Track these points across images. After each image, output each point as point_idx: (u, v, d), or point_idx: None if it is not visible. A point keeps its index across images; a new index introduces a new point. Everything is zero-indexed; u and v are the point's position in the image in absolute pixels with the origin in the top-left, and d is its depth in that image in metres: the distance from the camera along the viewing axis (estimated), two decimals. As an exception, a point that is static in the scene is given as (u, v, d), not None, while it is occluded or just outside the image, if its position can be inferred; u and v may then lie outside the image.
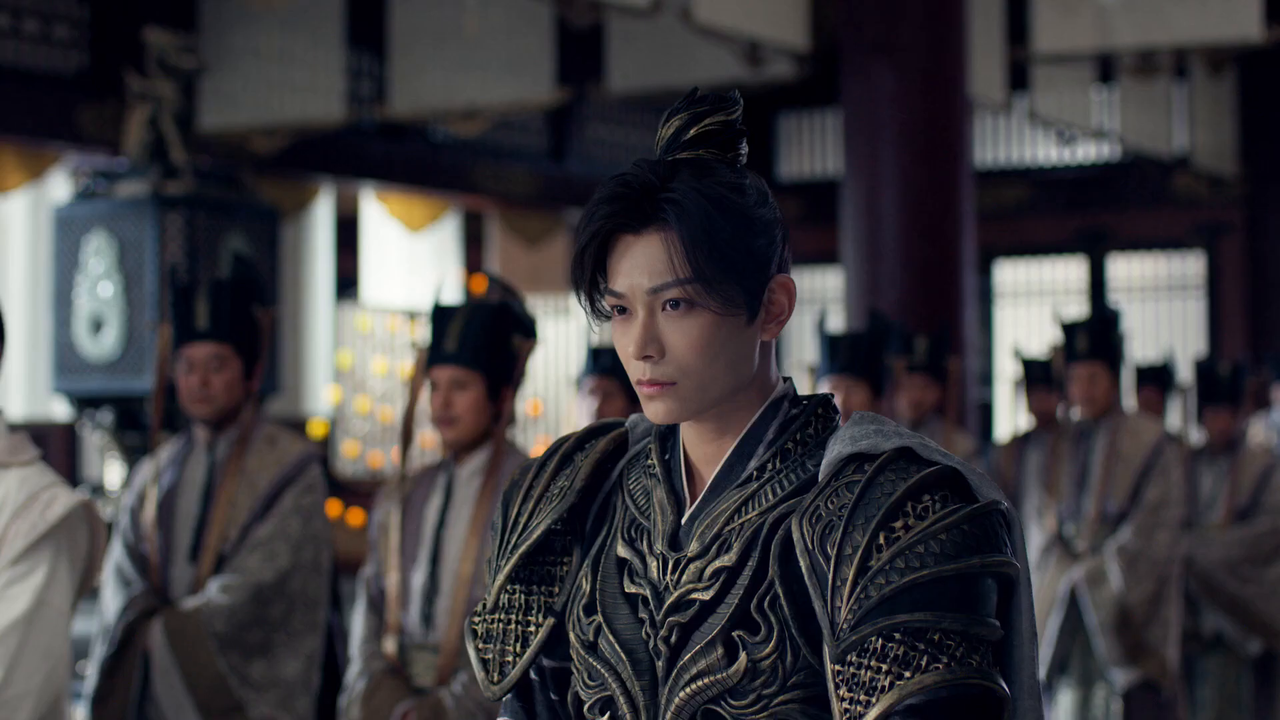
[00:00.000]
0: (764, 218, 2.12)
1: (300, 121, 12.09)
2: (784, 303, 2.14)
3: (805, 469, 2.12)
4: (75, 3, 11.77)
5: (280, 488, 5.06)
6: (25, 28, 11.45)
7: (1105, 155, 16.75)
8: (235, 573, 5.00)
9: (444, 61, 11.74)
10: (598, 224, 2.09)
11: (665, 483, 2.17)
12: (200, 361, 5.02)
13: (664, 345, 2.09)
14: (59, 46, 11.67)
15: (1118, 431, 7.23)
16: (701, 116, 2.14)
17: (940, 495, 2.01)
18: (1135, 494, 7.14)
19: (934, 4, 9.75)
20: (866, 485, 2.03)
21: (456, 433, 4.70)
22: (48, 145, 11.72)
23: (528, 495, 2.26)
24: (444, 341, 4.68)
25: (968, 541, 1.98)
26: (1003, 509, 2.04)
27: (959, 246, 9.64)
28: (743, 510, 2.11)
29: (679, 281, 2.06)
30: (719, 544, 2.10)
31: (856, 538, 2.00)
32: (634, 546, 2.17)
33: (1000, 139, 17.03)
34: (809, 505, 2.06)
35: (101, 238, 9.36)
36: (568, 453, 2.28)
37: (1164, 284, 16.78)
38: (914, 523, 1.99)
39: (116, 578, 5.09)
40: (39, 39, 11.54)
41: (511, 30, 11.64)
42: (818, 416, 2.17)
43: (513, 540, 2.24)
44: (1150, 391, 9.74)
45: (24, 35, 11.46)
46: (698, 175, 2.09)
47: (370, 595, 4.86)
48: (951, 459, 2.07)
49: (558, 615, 2.22)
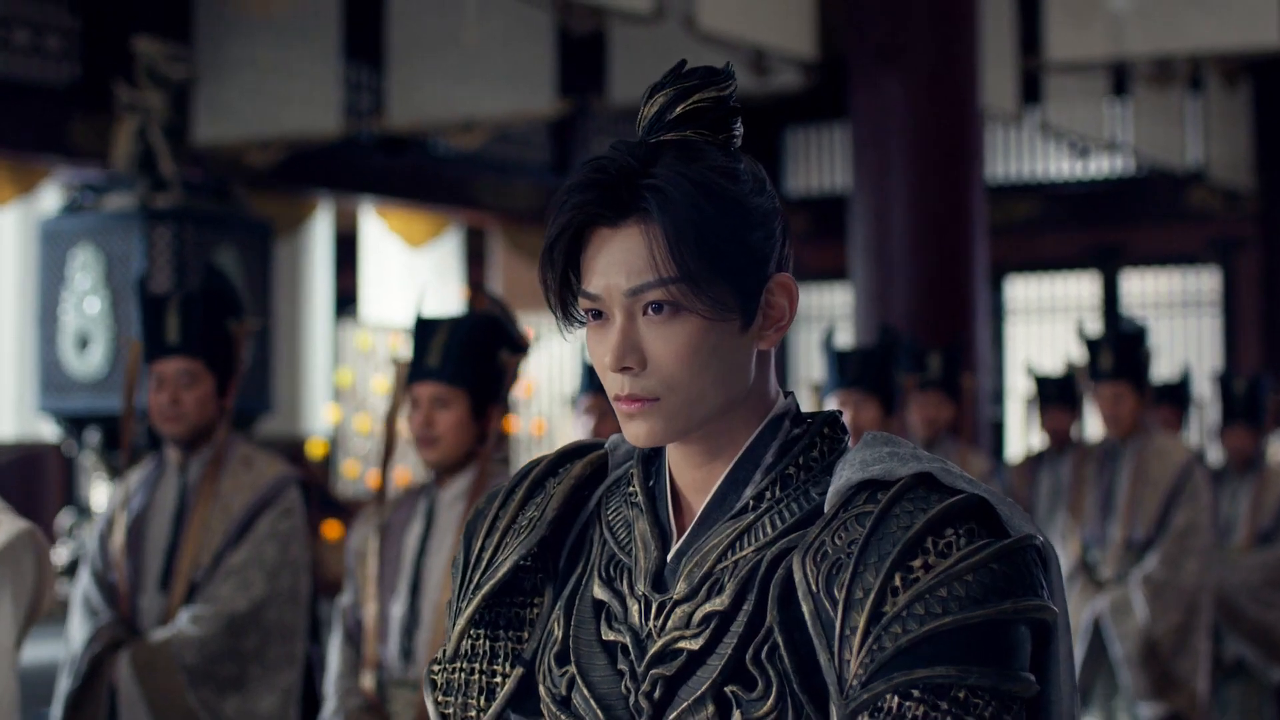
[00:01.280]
0: (761, 207, 1.88)
1: (296, 134, 11.97)
2: (784, 306, 1.90)
3: (809, 498, 1.88)
4: (67, 13, 11.63)
5: (256, 512, 4.85)
6: (15, 39, 11.30)
7: (1118, 169, 16.79)
8: (207, 602, 4.78)
9: (443, 72, 11.62)
10: (568, 215, 1.86)
11: (648, 513, 1.94)
12: (170, 378, 4.81)
13: (645, 355, 1.85)
14: (50, 58, 11.51)
15: (1144, 453, 7.01)
16: (690, 92, 1.90)
17: (965, 529, 1.77)
18: (1163, 520, 6.90)
19: (943, 11, 9.68)
20: (880, 517, 1.79)
21: (438, 454, 4.46)
22: (38, 159, 11.58)
23: (493, 527, 2.03)
24: (425, 356, 4.45)
25: (997, 583, 1.75)
26: (1038, 544, 1.80)
27: (971, 261, 9.55)
28: (737, 546, 1.87)
29: (662, 281, 1.83)
30: (710, 585, 1.87)
31: (868, 579, 1.76)
32: (612, 587, 1.94)
33: (1011, 153, 17.05)
34: (813, 540, 1.82)
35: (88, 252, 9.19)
36: (539, 478, 2.04)
37: (1178, 300, 16.73)
38: (935, 561, 1.76)
39: (83, 607, 4.90)
40: (29, 50, 11.38)
41: (512, 40, 11.52)
42: (823, 437, 1.93)
43: (475, 579, 2.01)
44: (1167, 410, 9.57)
45: (13, 46, 11.30)
46: (684, 159, 1.85)
47: (347, 627, 4.68)
48: (978, 486, 1.83)
49: (527, 664, 1.98)
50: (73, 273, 9.14)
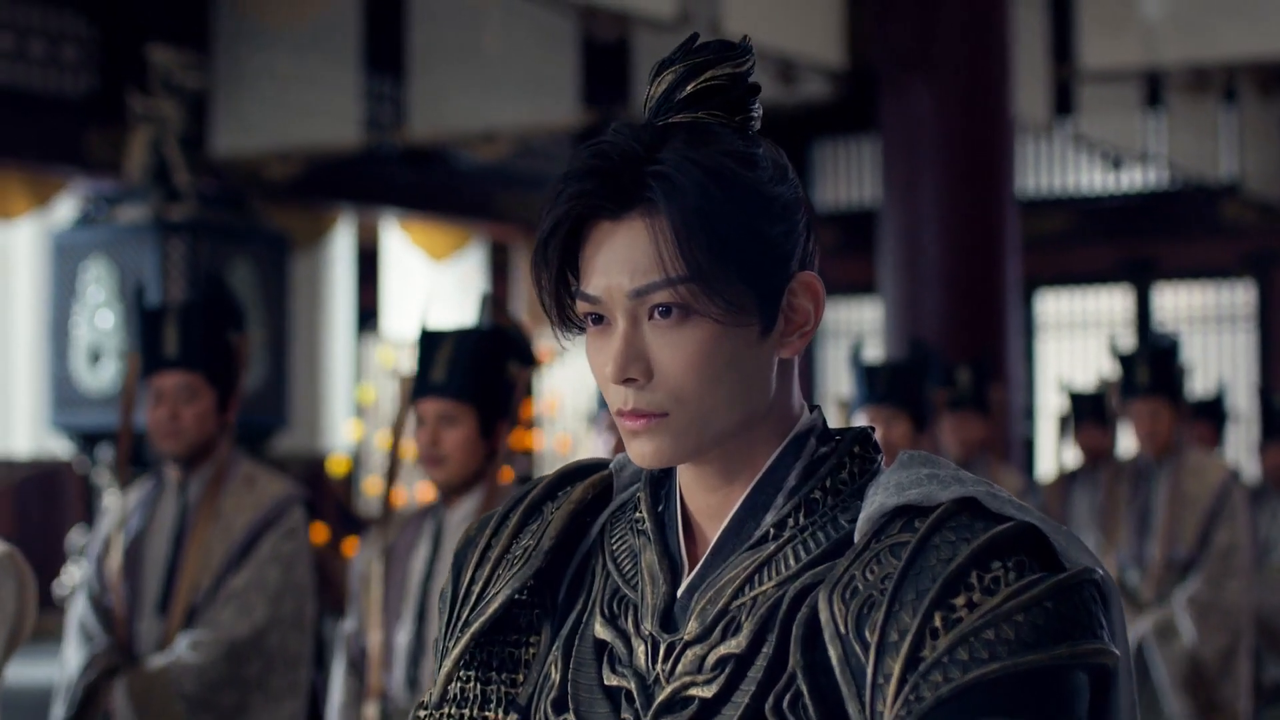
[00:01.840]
0: (782, 197, 1.66)
1: (316, 146, 11.85)
2: (808, 309, 1.68)
3: (838, 526, 1.66)
4: (84, 23, 11.48)
5: (258, 532, 4.69)
6: (31, 49, 11.15)
7: (1151, 183, 16.71)
8: (207, 627, 4.60)
9: (465, 82, 11.50)
10: (564, 206, 1.64)
11: (657, 543, 1.72)
12: (169, 392, 4.63)
13: (651, 365, 1.63)
14: (66, 69, 11.39)
15: (1181, 471, 6.87)
16: (702, 68, 1.69)
17: (1015, 561, 1.55)
18: (1204, 539, 6.70)
19: (975, 20, 9.61)
20: (918, 548, 1.57)
21: (445, 473, 4.26)
22: (54, 170, 11.43)
23: (484, 557, 1.81)
24: (430, 370, 4.25)
25: (1052, 623, 1.52)
26: (1097, 578, 1.57)
27: (1002, 274, 9.38)
28: (756, 580, 1.65)
29: (669, 281, 1.61)
30: (725, 624, 1.65)
31: (904, 619, 1.54)
32: (616, 625, 1.72)
33: (1042, 166, 16.87)
34: (842, 574, 1.60)
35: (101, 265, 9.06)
36: (535, 503, 1.82)
37: (1213, 315, 16.61)
38: (981, 599, 1.53)
39: (79, 632, 4.74)
40: (45, 61, 11.25)
41: (534, 49, 11.40)
42: (854, 456, 1.71)
43: (465, 615, 1.79)
44: (1203, 427, 9.43)
45: (30, 58, 11.16)
46: (695, 143, 1.64)
47: (350, 655, 4.48)
48: (1029, 513, 1.61)
49: (521, 710, 1.77)
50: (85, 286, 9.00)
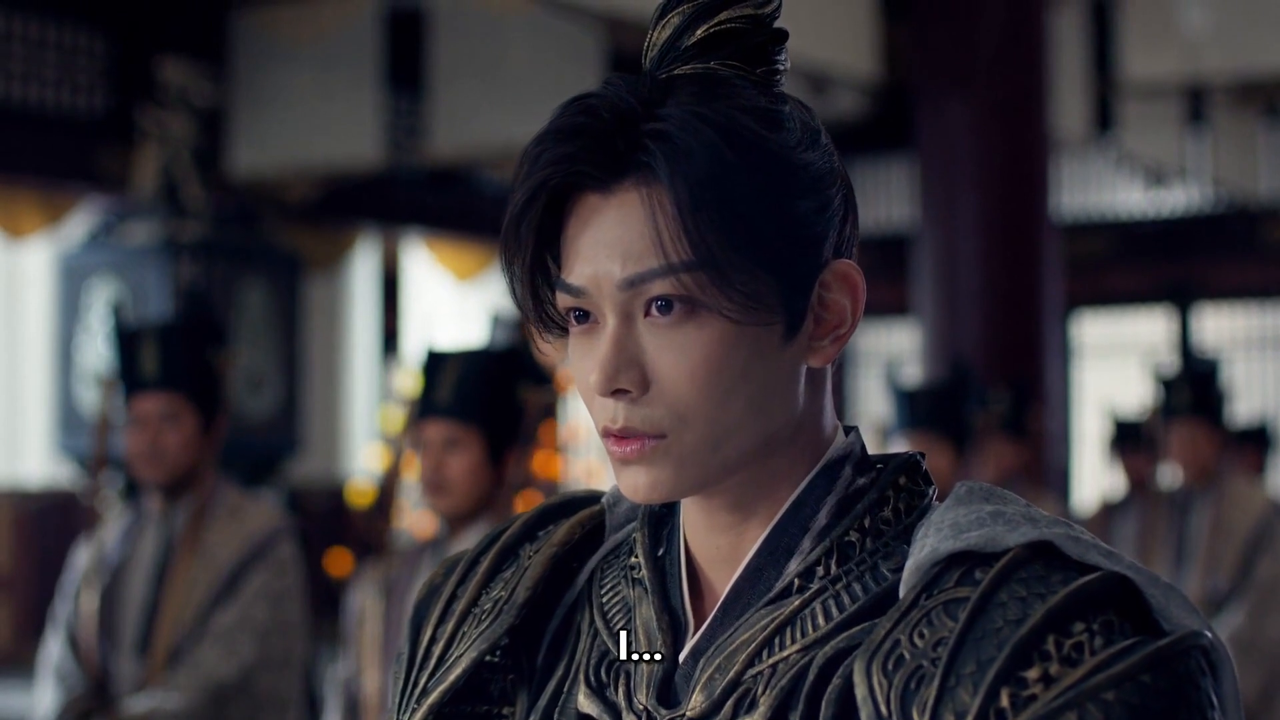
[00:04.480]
0: (813, 165, 1.33)
1: (336, 164, 11.67)
2: (844, 306, 1.35)
3: (878, 576, 1.34)
4: (99, 39, 11.29)
5: (244, 566, 4.46)
6: (44, 67, 10.96)
7: (1193, 204, 16.65)
8: (190, 668, 4.37)
9: (487, 98, 11.36)
10: (541, 173, 1.31)
11: (656, 595, 1.39)
12: (150, 417, 4.39)
13: (647, 373, 1.30)
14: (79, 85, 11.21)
15: (1222, 500, 6.64)
16: (716, 8, 1.36)
17: (1102, 622, 1.22)
18: (1244, 570, 6.41)
19: (1014, 33, 9.49)
20: (979, 607, 1.24)
21: (450, 502, 3.97)
22: (66, 188, 11.23)
23: (447, 610, 1.49)
24: (435, 391, 3.95)
25: (1149, 702, 1.19)
26: (1204, 644, 1.23)
27: (1041, 297, 9.17)
28: (776, 643, 1.32)
29: (670, 268, 1.27)
30: (738, 698, 1.32)
31: (963, 697, 1.21)
32: (603, 696, 1.39)
33: (1081, 187, 16.68)
34: (884, 638, 1.27)
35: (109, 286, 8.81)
36: (510, 544, 1.50)
37: (1256, 338, 16.46)
38: (1060, 671, 1.20)
39: (53, 673, 4.52)
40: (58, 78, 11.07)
41: (559, 63, 11.22)
42: (899, 489, 1.38)
43: (423, 681, 1.46)
44: (1248, 454, 9.17)
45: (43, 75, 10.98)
46: (704, 96, 1.30)
47: (345, 699, 4.15)
48: (1119, 561, 1.27)
49: (492, 798, 1.45)
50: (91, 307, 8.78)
